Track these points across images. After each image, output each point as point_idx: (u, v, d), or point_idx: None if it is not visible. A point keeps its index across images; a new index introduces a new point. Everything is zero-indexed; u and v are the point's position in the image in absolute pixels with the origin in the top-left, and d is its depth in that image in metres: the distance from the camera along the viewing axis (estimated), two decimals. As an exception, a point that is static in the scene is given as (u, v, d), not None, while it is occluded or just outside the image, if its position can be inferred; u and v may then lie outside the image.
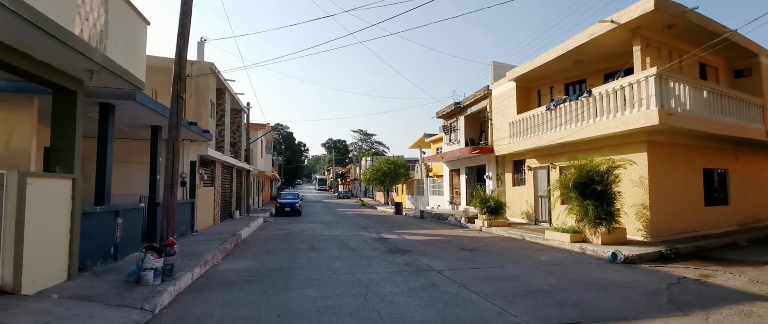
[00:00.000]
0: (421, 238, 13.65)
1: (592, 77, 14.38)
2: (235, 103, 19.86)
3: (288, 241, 12.66)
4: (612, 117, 10.89)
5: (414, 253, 10.06)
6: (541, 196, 15.56)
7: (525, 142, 15.19)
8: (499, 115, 17.93)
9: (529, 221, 16.29)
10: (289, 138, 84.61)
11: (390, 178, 33.33)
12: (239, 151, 20.98)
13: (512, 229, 14.31)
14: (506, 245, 11.57)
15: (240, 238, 12.56)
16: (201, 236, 12.02)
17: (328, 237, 13.67)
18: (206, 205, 14.60)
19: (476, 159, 20.93)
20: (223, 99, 16.53)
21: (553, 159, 14.61)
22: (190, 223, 12.62)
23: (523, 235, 12.97)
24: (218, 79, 14.87)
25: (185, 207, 12.28)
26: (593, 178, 10.47)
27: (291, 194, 28.07)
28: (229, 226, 15.44)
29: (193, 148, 13.03)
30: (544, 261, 9.00)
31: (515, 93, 16.55)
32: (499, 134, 17.87)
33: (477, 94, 20.53)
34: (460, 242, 12.33)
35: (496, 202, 16.57)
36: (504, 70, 18.58)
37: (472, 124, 23.38)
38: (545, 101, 15.96)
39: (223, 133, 16.46)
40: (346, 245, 11.64)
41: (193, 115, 13.24)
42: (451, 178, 25.13)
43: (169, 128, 6.83)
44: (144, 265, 5.60)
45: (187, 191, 12.78)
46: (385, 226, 17.86)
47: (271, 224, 19.00)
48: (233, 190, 19.98)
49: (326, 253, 10.11)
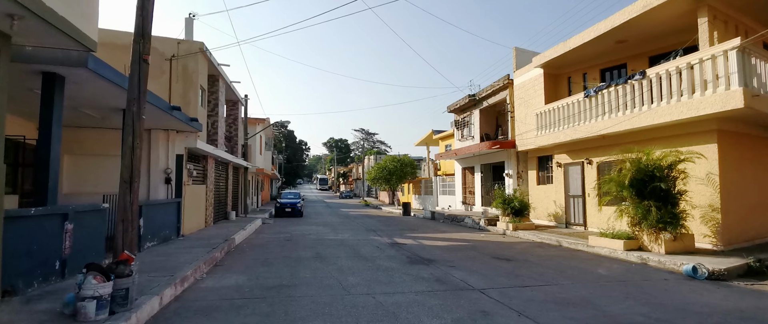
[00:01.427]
0: (440, 243, 11.93)
1: (634, 61, 12.64)
2: (230, 93, 18.15)
3: (289, 247, 10.96)
4: (674, 102, 9.15)
5: (440, 264, 8.35)
6: (573, 195, 13.83)
7: (556, 135, 13.46)
8: (523, 106, 16.21)
9: (558, 224, 14.57)
10: (290, 136, 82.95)
11: (396, 177, 31.61)
12: (236, 147, 19.27)
13: (542, 233, 12.59)
14: (544, 253, 9.86)
15: (233, 243, 10.86)
16: (188, 242, 10.32)
17: (335, 242, 11.96)
18: (196, 205, 12.89)
19: (494, 155, 19.21)
20: (217, 87, 14.84)
21: (590, 154, 12.88)
22: (176, 226, 10.91)
23: (559, 241, 11.25)
24: (210, 63, 13.18)
25: (169, 208, 10.58)
26: (654, 175, 8.75)
27: (292, 194, 26.37)
28: (222, 229, 13.74)
29: (179, 140, 11.33)
30: (604, 275, 7.28)
31: (543, 81, 14.82)
32: (523, 127, 16.15)
33: (495, 84, 18.80)
34: (488, 249, 10.61)
35: (521, 202, 14.87)
36: (527, 57, 16.88)
37: (488, 118, 21.66)
38: (577, 89, 14.24)
39: (217, 126, 14.78)
40: (357, 253, 9.93)
41: (180, 102, 11.56)
42: (463, 176, 23.41)
43: (129, 102, 5.11)
44: (82, 293, 3.90)
45: (172, 189, 11.07)
46: (395, 229, 16.15)
47: (271, 226, 17.30)
48: (229, 188, 18.28)
49: (334, 264, 8.40)
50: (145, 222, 8.82)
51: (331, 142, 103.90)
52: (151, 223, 9.21)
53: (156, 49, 11.43)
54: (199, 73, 11.88)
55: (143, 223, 8.67)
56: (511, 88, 17.84)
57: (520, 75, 16.51)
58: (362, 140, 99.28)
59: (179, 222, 11.06)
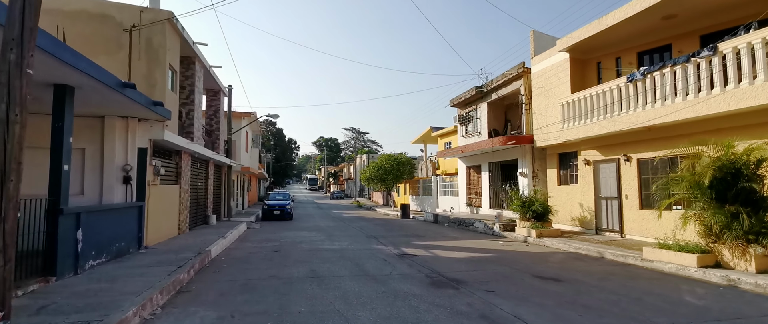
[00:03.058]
0: (458, 254, 10.04)
1: (681, 41, 10.90)
2: (211, 80, 15.99)
3: (277, 261, 8.95)
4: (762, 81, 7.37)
5: (473, 288, 6.45)
6: (605, 197, 12.05)
7: (587, 128, 11.67)
8: (542, 97, 14.41)
9: (585, 229, 12.80)
10: (279, 134, 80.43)
11: (392, 177, 29.67)
12: (217, 142, 17.13)
13: (574, 241, 10.79)
14: (591, 269, 8.02)
15: (208, 257, 8.81)
16: (149, 256, 8.24)
17: (332, 253, 9.98)
18: (166, 208, 10.79)
19: (505, 153, 17.40)
20: (193, 71, 12.72)
21: (628, 149, 11.12)
22: (136, 235, 8.81)
23: (600, 252, 9.45)
24: (183, 39, 11.06)
25: (126, 213, 8.48)
26: (739, 173, 6.96)
27: (281, 195, 24.27)
28: (198, 236, 11.65)
29: (142, 130, 9.24)
30: (700, 306, 5.45)
31: (569, 67, 13.02)
32: (542, 120, 14.35)
33: (507, 73, 16.99)
34: (519, 262, 8.74)
35: (543, 205, 13.08)
36: (546, 42, 15.10)
37: (496, 112, 19.87)
38: (608, 76, 12.47)
39: (193, 116, 12.66)
40: (362, 269, 7.98)
41: (143, 84, 9.45)
42: (467, 176, 21.59)
43: (3, 45, 3.07)
44: None
45: (132, 190, 8.97)
46: (399, 235, 14.22)
47: (256, 232, 15.22)
48: (209, 189, 16.15)
49: (336, 288, 6.44)
50: (86, 234, 6.74)
51: (321, 141, 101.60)
52: (97, 235, 7.13)
53: (111, 18, 9.33)
54: (167, 49, 9.78)
55: (82, 235, 6.58)
56: (526, 78, 16.04)
57: (538, 62, 14.70)
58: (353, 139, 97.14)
59: (141, 231, 8.96)
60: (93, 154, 8.73)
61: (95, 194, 8.69)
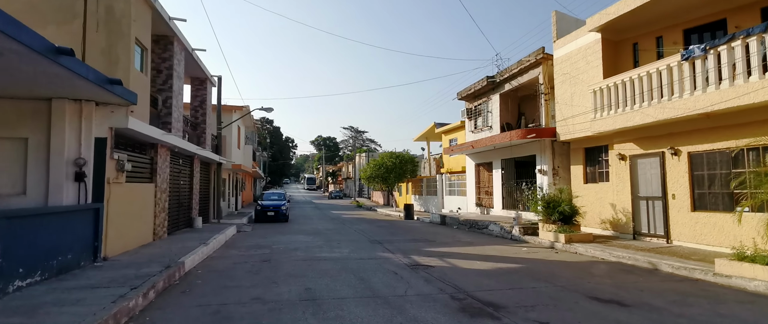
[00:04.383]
0: (480, 264, 8.44)
1: (738, 15, 9.35)
2: (195, 67, 14.32)
3: (265, 275, 7.33)
4: None
5: (519, 317, 4.87)
6: (645, 197, 10.48)
7: (626, 117, 10.10)
8: (567, 85, 12.83)
9: (620, 233, 11.24)
10: (275, 133, 78.69)
11: (395, 176, 28.06)
12: (204, 136, 15.48)
13: (613, 249, 9.23)
14: (650, 285, 6.46)
15: (180, 270, 7.19)
16: (104, 271, 6.62)
17: (332, 264, 8.37)
18: (135, 211, 9.16)
19: (521, 148, 15.83)
20: (171, 52, 11.07)
21: (676, 142, 9.56)
22: (90, 245, 7.19)
23: (653, 263, 7.88)
24: (156, 12, 9.36)
25: (78, 217, 6.86)
26: None
27: (276, 195, 22.62)
28: (176, 243, 10.04)
29: (100, 117, 7.61)
30: None
31: (601, 49, 11.43)
32: (567, 111, 12.78)
33: (523, 61, 15.41)
34: (560, 277, 7.16)
35: (571, 206, 11.53)
36: (569, 24, 13.54)
37: (509, 104, 18.29)
38: (647, 58, 10.90)
39: (171, 104, 11.02)
40: (369, 287, 6.38)
41: (102, 60, 7.78)
42: (477, 174, 20.01)
43: None
44: None
45: (86, 189, 7.35)
46: (405, 239, 12.63)
47: (246, 237, 13.60)
48: (194, 188, 14.51)
49: (339, 319, 4.84)
50: (11, 246, 5.13)
51: (319, 140, 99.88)
52: (29, 247, 5.51)
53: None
54: (133, 20, 8.14)
55: (1, 248, 4.96)
56: (545, 65, 14.47)
57: (562, 46, 13.12)
58: (351, 138, 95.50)
59: (97, 238, 7.33)
60: (37, 146, 7.11)
61: (40, 194, 7.08)
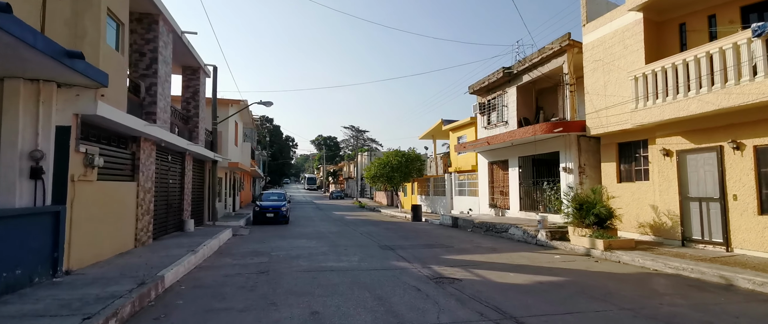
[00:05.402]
0: (515, 277, 7.13)
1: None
2: (185, 53, 12.98)
3: (261, 293, 6.03)
4: None
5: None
6: (697, 198, 9.18)
7: (678, 106, 8.81)
8: (600, 72, 11.53)
9: (664, 239, 9.95)
10: (276, 131, 77.39)
11: (400, 175, 26.76)
12: (197, 130, 14.18)
13: (664, 258, 7.93)
14: (736, 307, 5.20)
15: (158, 287, 5.89)
16: (61, 289, 5.33)
17: (341, 276, 7.07)
18: (110, 214, 7.86)
19: (542, 145, 14.55)
20: (156, 33, 9.77)
21: (739, 133, 8.27)
22: (49, 255, 5.90)
23: (726, 277, 6.60)
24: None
25: (29, 223, 5.56)
26: None
27: (275, 195, 21.33)
28: (160, 251, 8.74)
29: (62, 101, 6.32)
30: None
31: (643, 30, 10.13)
32: (599, 101, 11.48)
33: (546, 49, 14.11)
34: (619, 296, 5.86)
35: (607, 208, 10.25)
36: (600, 6, 12.25)
37: (525, 98, 17.02)
38: (697, 40, 9.61)
39: (156, 92, 9.71)
40: (390, 310, 5.09)
41: (64, 32, 6.41)
42: (490, 173, 18.71)
43: None
44: None
45: (44, 188, 6.05)
46: (419, 244, 11.33)
47: (243, 241, 12.31)
48: (186, 188, 13.22)
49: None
50: None
51: (320, 140, 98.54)
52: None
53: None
54: (106, -13, 6.88)
55: None
56: (571, 52, 13.19)
57: (593, 30, 11.81)
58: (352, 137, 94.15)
59: (58, 248, 6.03)
60: None
61: (-15, 194, 5.77)
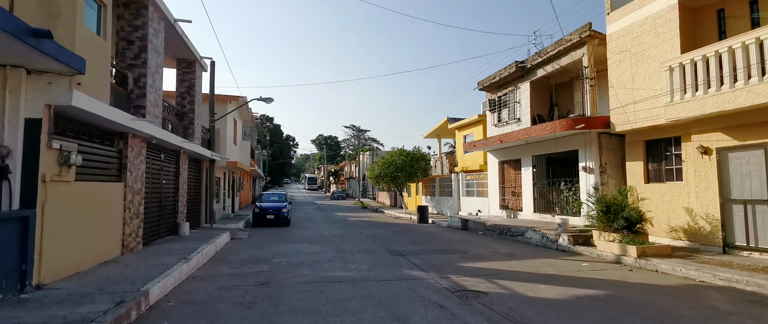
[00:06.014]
0: (547, 290, 6.29)
1: None
2: (180, 44, 12.14)
3: (260, 313, 5.18)
4: None
5: None
6: (741, 200, 8.34)
7: (723, 99, 7.96)
8: (627, 63, 10.69)
9: (701, 245, 9.11)
10: (276, 131, 76.54)
11: (405, 175, 25.93)
12: (192, 127, 13.35)
13: (711, 267, 7.09)
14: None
15: (141, 306, 5.05)
16: (28, 309, 4.50)
17: (350, 289, 6.23)
18: (92, 219, 7.03)
19: (559, 143, 13.70)
20: (145, 19, 8.93)
21: (792, 128, 7.43)
22: (16, 267, 5.08)
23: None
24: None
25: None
26: None
27: (276, 195, 20.52)
28: (149, 258, 7.91)
29: (32, 89, 5.49)
30: None
31: (678, 17, 9.28)
32: (626, 96, 10.64)
33: (564, 40, 13.26)
34: (683, 317, 5.02)
35: (637, 211, 9.44)
36: (625, -7, 11.39)
37: (539, 93, 16.19)
38: (737, 27, 8.78)
39: (145, 84, 8.88)
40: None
41: (36, 12, 5.56)
42: (501, 172, 17.88)
43: None
44: None
45: (11, 189, 5.22)
46: (431, 250, 10.50)
47: (241, 246, 11.47)
48: (181, 188, 12.39)
49: None
50: None
51: (321, 139, 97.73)
52: None
53: None
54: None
55: None
56: (591, 44, 12.36)
57: (619, 18, 10.97)
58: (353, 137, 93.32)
59: (26, 259, 5.20)
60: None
61: (-61, 197, 4.94)
